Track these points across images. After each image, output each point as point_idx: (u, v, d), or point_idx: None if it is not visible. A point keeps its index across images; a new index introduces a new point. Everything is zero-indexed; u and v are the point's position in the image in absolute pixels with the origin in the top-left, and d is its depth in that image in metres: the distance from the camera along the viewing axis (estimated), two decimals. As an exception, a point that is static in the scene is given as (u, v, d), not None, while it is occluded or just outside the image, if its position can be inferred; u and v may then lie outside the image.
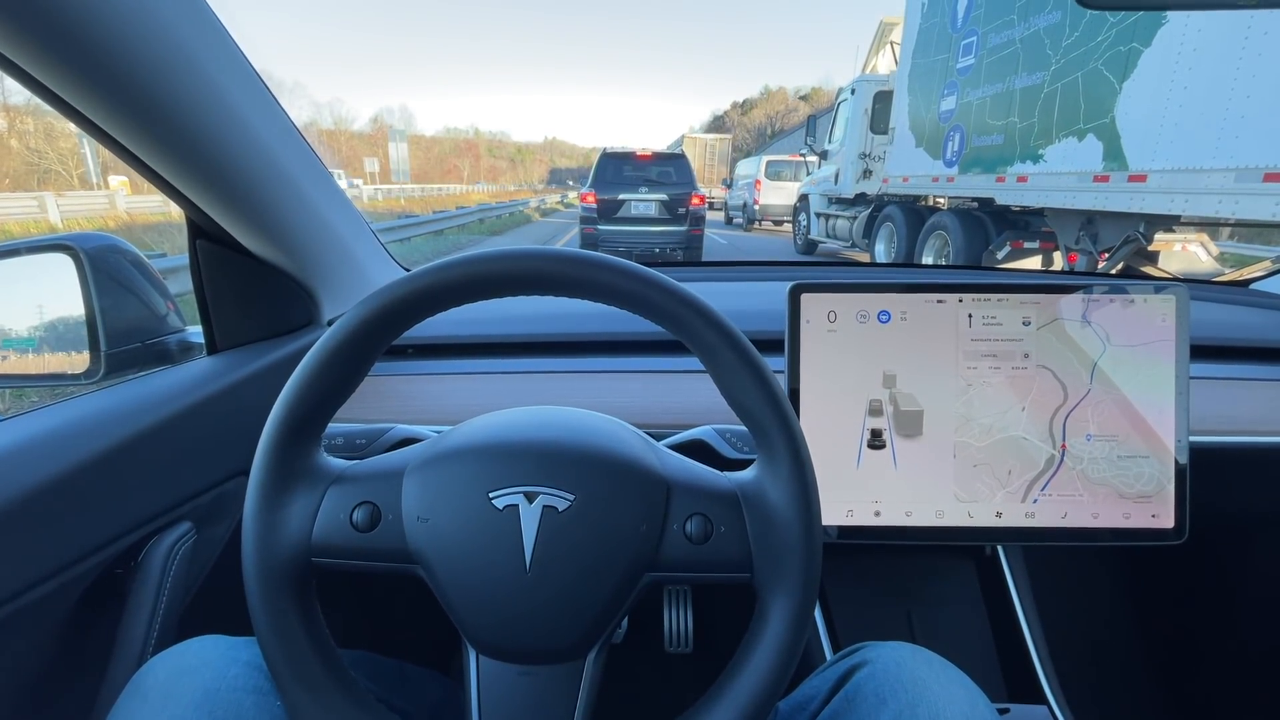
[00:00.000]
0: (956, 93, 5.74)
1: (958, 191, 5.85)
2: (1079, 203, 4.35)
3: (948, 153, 5.90)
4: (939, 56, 6.03)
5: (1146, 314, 0.68)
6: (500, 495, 0.42)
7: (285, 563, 0.41)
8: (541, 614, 0.42)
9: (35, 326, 0.73)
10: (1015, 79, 4.91)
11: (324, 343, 0.41)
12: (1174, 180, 3.63)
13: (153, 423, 0.60)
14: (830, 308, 0.68)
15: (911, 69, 6.58)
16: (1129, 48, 3.86)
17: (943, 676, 0.48)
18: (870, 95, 7.54)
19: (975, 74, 5.43)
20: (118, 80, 0.50)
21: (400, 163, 29.37)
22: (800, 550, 0.42)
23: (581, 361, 0.88)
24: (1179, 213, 3.66)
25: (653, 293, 0.41)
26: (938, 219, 6.11)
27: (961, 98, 5.66)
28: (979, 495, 0.68)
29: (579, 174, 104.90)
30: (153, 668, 0.45)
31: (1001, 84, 5.09)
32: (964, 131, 5.63)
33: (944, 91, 5.95)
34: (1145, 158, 3.83)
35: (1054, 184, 4.57)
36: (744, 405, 0.43)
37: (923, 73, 6.35)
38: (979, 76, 5.38)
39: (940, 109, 6.01)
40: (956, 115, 5.74)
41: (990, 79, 5.23)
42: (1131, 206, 3.93)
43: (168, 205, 0.83)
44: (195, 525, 0.65)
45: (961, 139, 5.67)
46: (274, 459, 0.42)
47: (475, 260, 0.41)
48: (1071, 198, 4.41)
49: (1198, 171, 3.47)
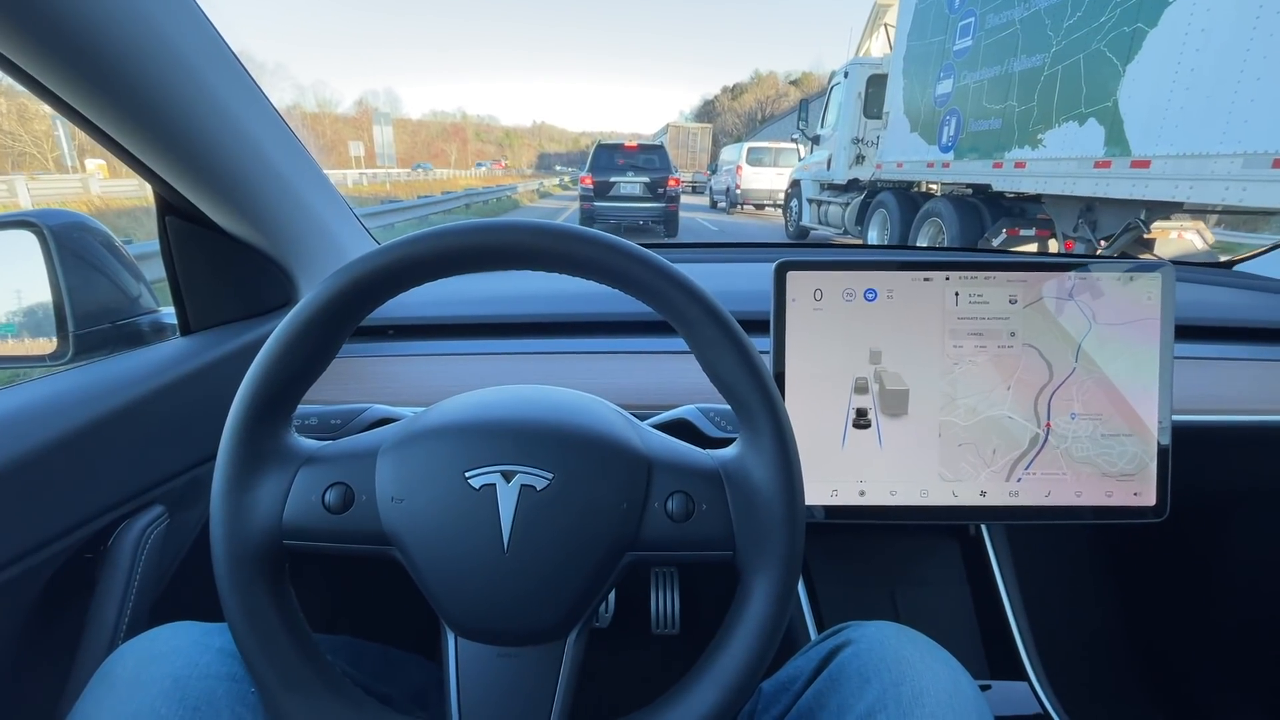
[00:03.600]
0: (953, 76, 5.53)
1: (953, 177, 5.65)
2: (1079, 189, 4.15)
3: (943, 138, 5.69)
4: (935, 39, 5.80)
5: (1132, 293, 0.67)
6: (476, 474, 0.41)
7: (256, 545, 0.40)
8: (521, 595, 0.41)
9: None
10: (1014, 61, 4.70)
11: (291, 319, 0.40)
12: (1179, 166, 3.45)
13: (122, 404, 0.59)
14: (816, 285, 0.67)
15: (907, 51, 6.35)
16: (1133, 28, 3.67)
17: (926, 655, 0.48)
18: (864, 79, 7.37)
19: (973, 56, 5.23)
20: (77, 48, 0.48)
21: (385, 146, 28.85)
22: (783, 528, 0.41)
23: (566, 342, 0.87)
24: (1184, 199, 3.50)
25: (632, 265, 0.40)
26: (932, 206, 5.93)
27: (958, 81, 5.45)
28: (963, 474, 0.68)
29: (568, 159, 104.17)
30: (122, 655, 0.44)
31: (1000, 66, 4.88)
32: (960, 116, 5.43)
33: (940, 75, 5.73)
34: (1149, 143, 3.65)
35: (1053, 170, 4.38)
36: (725, 381, 0.42)
37: (918, 55, 6.13)
38: (976, 59, 5.18)
39: (936, 93, 5.80)
40: (953, 99, 5.55)
41: (988, 61, 5.03)
42: (1134, 193, 3.74)
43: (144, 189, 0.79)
44: (168, 509, 0.63)
45: (958, 124, 5.47)
46: (242, 439, 0.40)
47: (447, 233, 0.40)
48: (1071, 184, 4.21)
49: (1204, 157, 3.32)
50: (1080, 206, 4.38)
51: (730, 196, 16.77)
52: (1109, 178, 3.93)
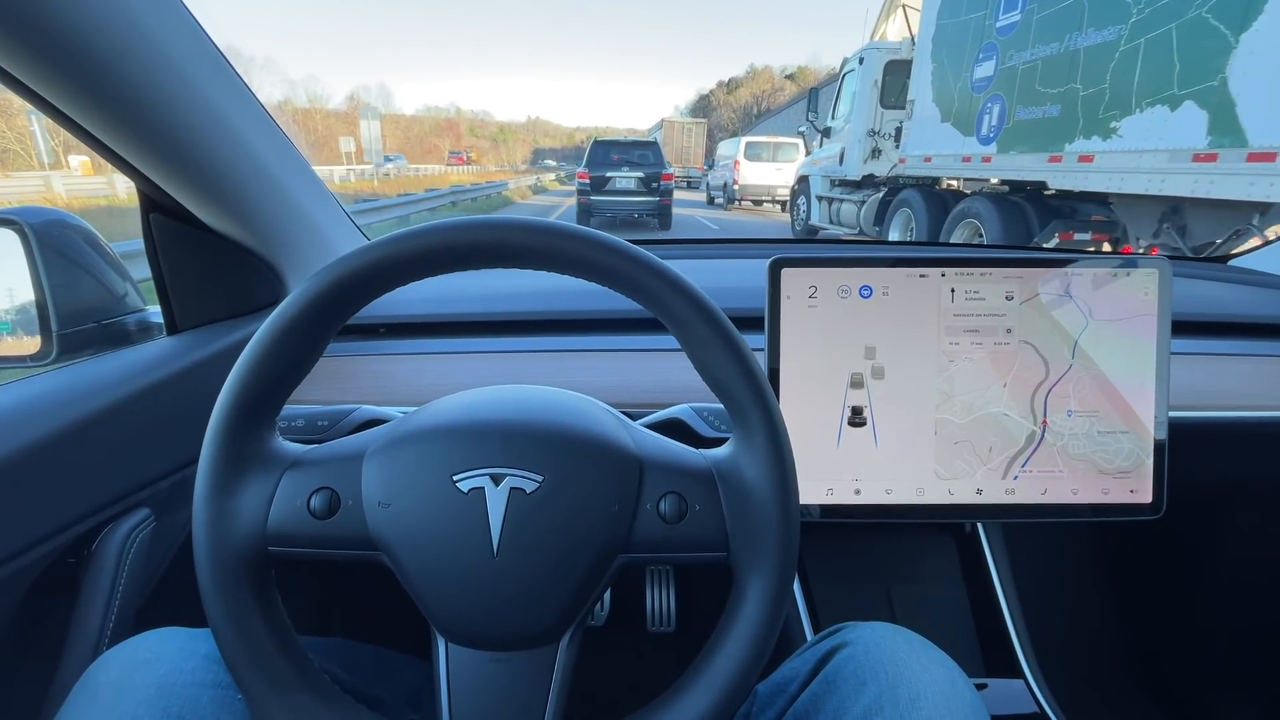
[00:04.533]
0: (996, 56, 4.74)
1: (995, 173, 4.89)
2: (1170, 188, 3.38)
3: (983, 128, 4.95)
4: (973, 14, 5.04)
5: (1129, 288, 0.67)
6: (465, 478, 0.40)
7: (240, 552, 0.39)
8: (511, 600, 0.40)
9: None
10: (1079, 36, 3.88)
11: (273, 321, 0.39)
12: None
13: (107, 404, 0.58)
14: (811, 282, 0.67)
15: (937, 31, 5.54)
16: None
17: (923, 656, 0.47)
18: (881, 65, 6.66)
19: (1022, 33, 4.43)
20: (55, 43, 0.47)
21: (373, 142, 28.27)
22: (777, 527, 0.41)
23: (559, 340, 0.86)
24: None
25: (620, 262, 0.39)
26: (968, 205, 5.12)
27: (1003, 62, 4.65)
28: (959, 472, 0.68)
29: (562, 154, 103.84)
30: (105, 662, 0.43)
31: (1059, 43, 4.05)
32: (1005, 102, 4.67)
33: (979, 56, 4.95)
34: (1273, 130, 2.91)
35: (1133, 165, 3.57)
36: (717, 378, 0.42)
37: (951, 35, 5.32)
38: (1027, 36, 4.38)
39: (974, 77, 5.03)
40: (995, 83, 4.76)
41: (1043, 38, 4.21)
42: (1252, 194, 2.99)
43: (112, 187, 0.77)
44: (154, 512, 0.62)
45: (1002, 111, 4.71)
46: (224, 444, 0.39)
47: (432, 231, 0.39)
48: (1158, 182, 3.42)
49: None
50: (1163, 208, 3.67)
51: (728, 192, 16.38)
52: (1213, 174, 3.18)
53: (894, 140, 6.58)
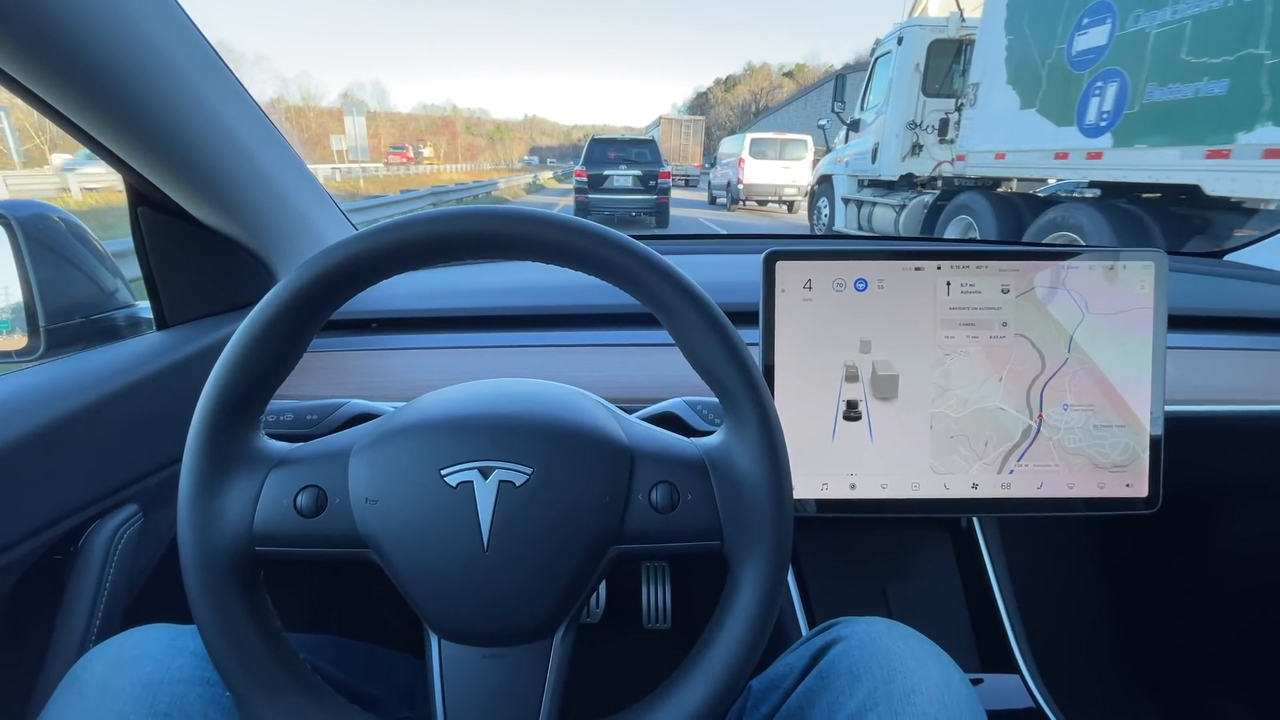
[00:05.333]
0: (1112, 20, 3.65)
1: (1111, 173, 3.76)
2: None
3: (1088, 115, 3.83)
4: None
5: (1125, 282, 0.67)
6: (453, 472, 0.39)
7: (226, 553, 0.39)
8: (503, 595, 0.40)
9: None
10: None
11: (254, 318, 0.38)
12: None
13: (95, 399, 0.57)
14: (807, 276, 0.66)
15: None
16: None
17: (918, 651, 0.47)
18: (924, 46, 5.58)
19: None
20: (41, 34, 0.46)
21: (358, 139, 27.90)
22: (770, 514, 0.40)
23: (553, 335, 0.86)
24: None
25: (606, 250, 0.39)
26: (1062, 214, 4.02)
27: (1122, 27, 3.58)
28: (955, 467, 0.67)
29: (559, 152, 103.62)
30: (90, 660, 0.43)
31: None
32: (1126, 80, 3.58)
33: (1083, 21, 3.85)
34: None
35: None
36: (707, 366, 0.41)
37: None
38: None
39: (1073, 49, 3.92)
40: (1110, 55, 3.66)
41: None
42: None
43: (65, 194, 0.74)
44: (142, 509, 0.62)
45: (1122, 91, 3.62)
46: (208, 444, 0.39)
47: (417, 221, 0.38)
48: None
49: None
50: None
51: (731, 192, 15.41)
52: None
53: (937, 133, 5.71)
